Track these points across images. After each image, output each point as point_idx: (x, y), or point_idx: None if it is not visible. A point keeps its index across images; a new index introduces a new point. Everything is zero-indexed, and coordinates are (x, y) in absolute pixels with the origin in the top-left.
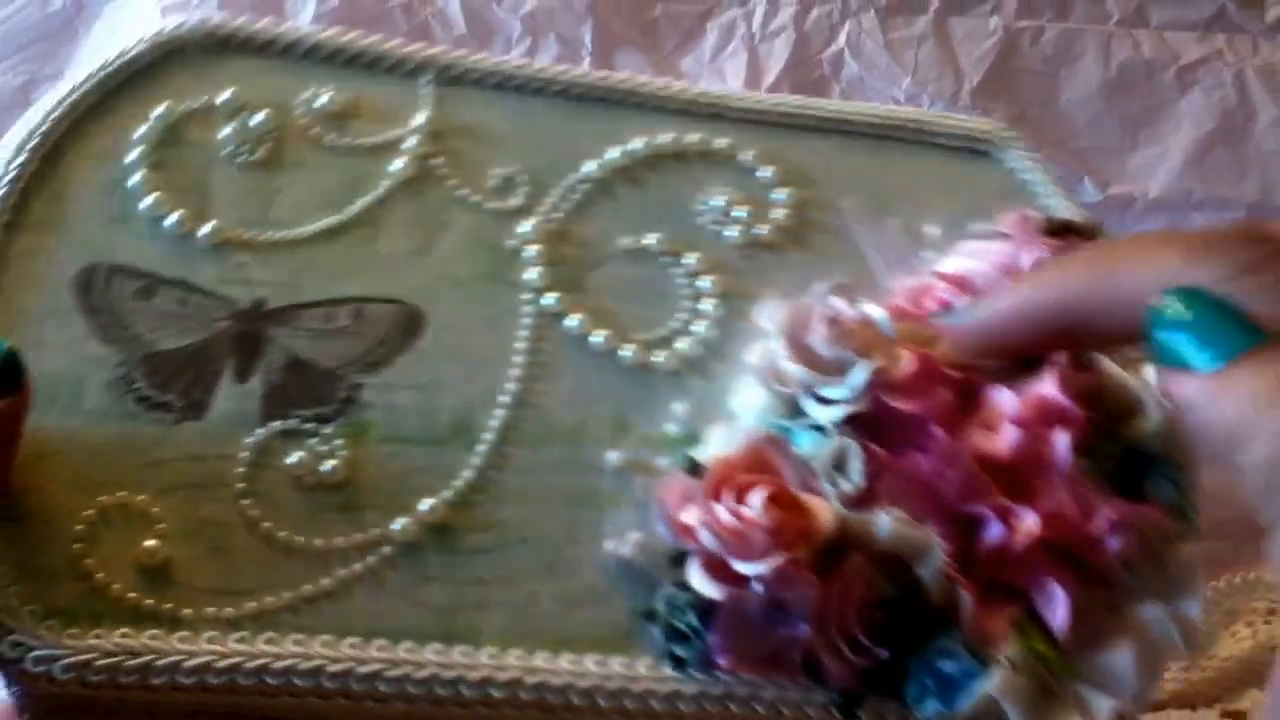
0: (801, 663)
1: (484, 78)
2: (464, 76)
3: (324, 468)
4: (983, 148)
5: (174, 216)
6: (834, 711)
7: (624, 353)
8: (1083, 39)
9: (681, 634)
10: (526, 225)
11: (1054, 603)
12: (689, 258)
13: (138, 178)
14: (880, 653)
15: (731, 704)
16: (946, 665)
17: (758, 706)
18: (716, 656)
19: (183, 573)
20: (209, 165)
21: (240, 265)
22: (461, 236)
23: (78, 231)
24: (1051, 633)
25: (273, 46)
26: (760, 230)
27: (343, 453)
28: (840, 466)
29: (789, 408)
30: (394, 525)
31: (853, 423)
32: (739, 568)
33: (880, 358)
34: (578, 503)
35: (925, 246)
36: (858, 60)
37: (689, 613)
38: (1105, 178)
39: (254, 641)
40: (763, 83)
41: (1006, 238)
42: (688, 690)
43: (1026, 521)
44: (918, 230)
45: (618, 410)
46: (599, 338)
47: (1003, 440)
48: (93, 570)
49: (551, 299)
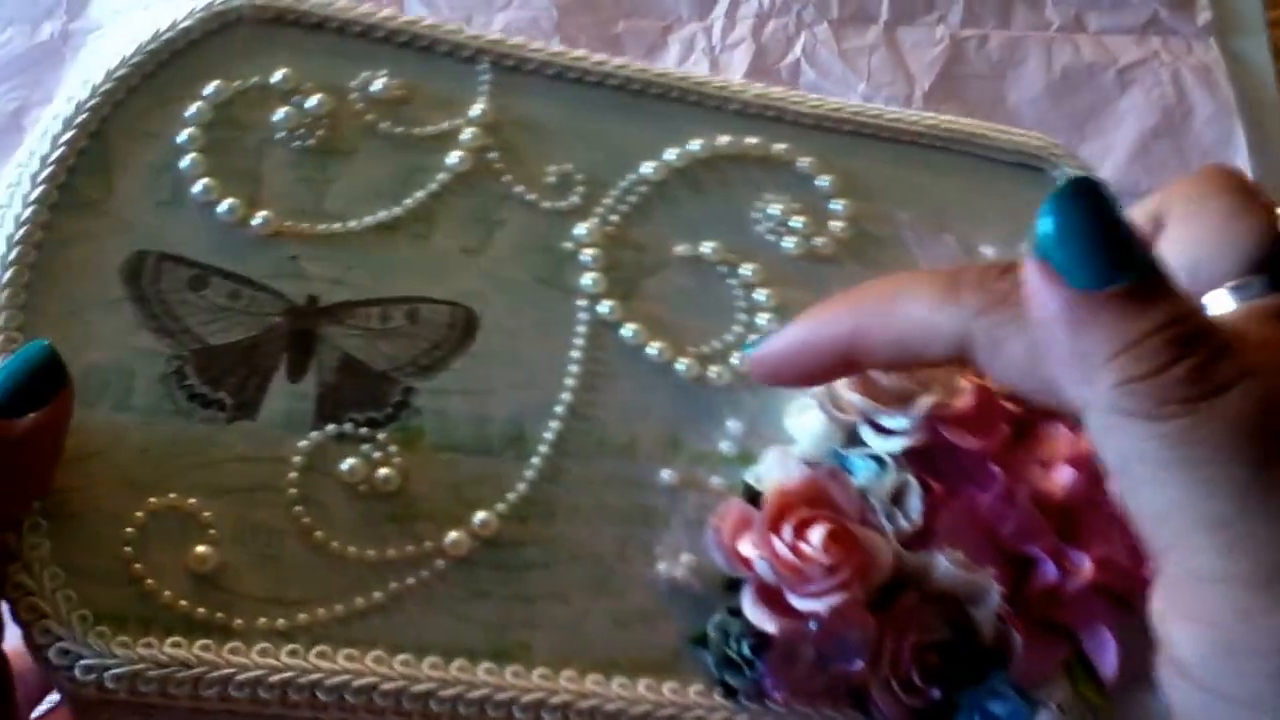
0: (852, 698)
1: (542, 67)
2: (522, 65)
3: (378, 475)
4: (1037, 164)
5: (226, 204)
6: None
7: (679, 366)
8: (1025, 45)
9: (733, 662)
10: (583, 228)
11: (1104, 648)
12: (746, 268)
13: (189, 160)
14: (933, 693)
15: None
16: (995, 706)
17: None
18: (769, 688)
19: (233, 580)
20: (261, 149)
21: (292, 258)
22: (516, 236)
23: (126, 215)
24: (1099, 677)
25: (327, 25)
26: (818, 241)
27: (396, 460)
28: (898, 501)
29: (846, 435)
30: (447, 538)
31: (909, 454)
32: (795, 603)
33: (940, 390)
34: (629, 520)
35: None
36: (814, 68)
37: (742, 642)
38: None
39: (306, 656)
40: None
41: None
42: None
43: (1082, 565)
44: (973, 248)
45: (672, 425)
46: (654, 349)
47: (1059, 480)
48: (143, 575)
49: (607, 306)
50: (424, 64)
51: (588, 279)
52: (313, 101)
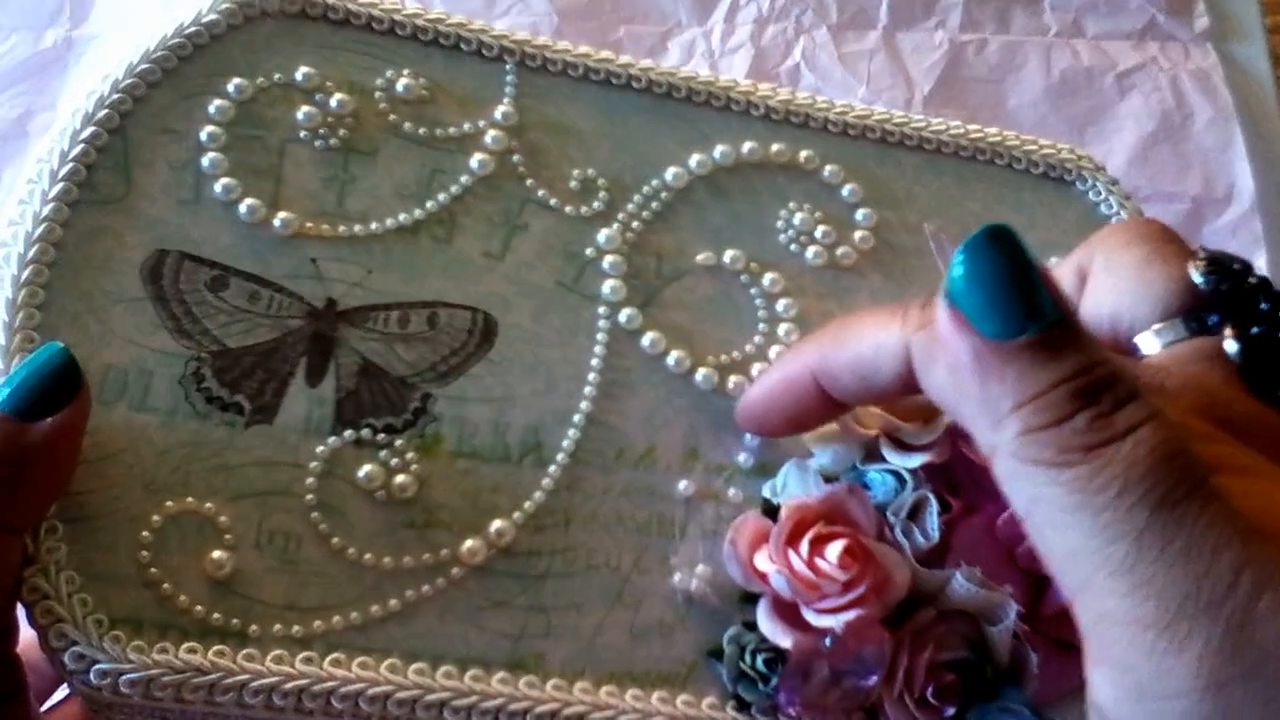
0: (867, 715)
1: (567, 67)
2: (547, 65)
3: (395, 482)
4: (1065, 176)
5: (247, 203)
6: None
7: (699, 376)
8: (1024, 49)
9: (748, 676)
10: (605, 234)
11: None
12: (767, 277)
13: (210, 159)
14: (947, 711)
15: None
16: None
17: None
18: (783, 703)
19: (249, 586)
20: (283, 148)
21: (312, 260)
22: (538, 241)
23: (147, 213)
24: None
25: (352, 20)
26: (841, 252)
27: (414, 467)
28: (916, 517)
29: (865, 450)
30: (464, 546)
31: (928, 470)
32: (811, 618)
33: None
34: (646, 531)
35: None
36: (814, 73)
37: (756, 656)
38: None
39: (321, 663)
40: None
41: None
42: None
43: None
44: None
45: (690, 436)
46: (674, 359)
47: None
48: (159, 579)
49: (627, 314)
50: (448, 62)
51: (609, 286)
52: (336, 100)
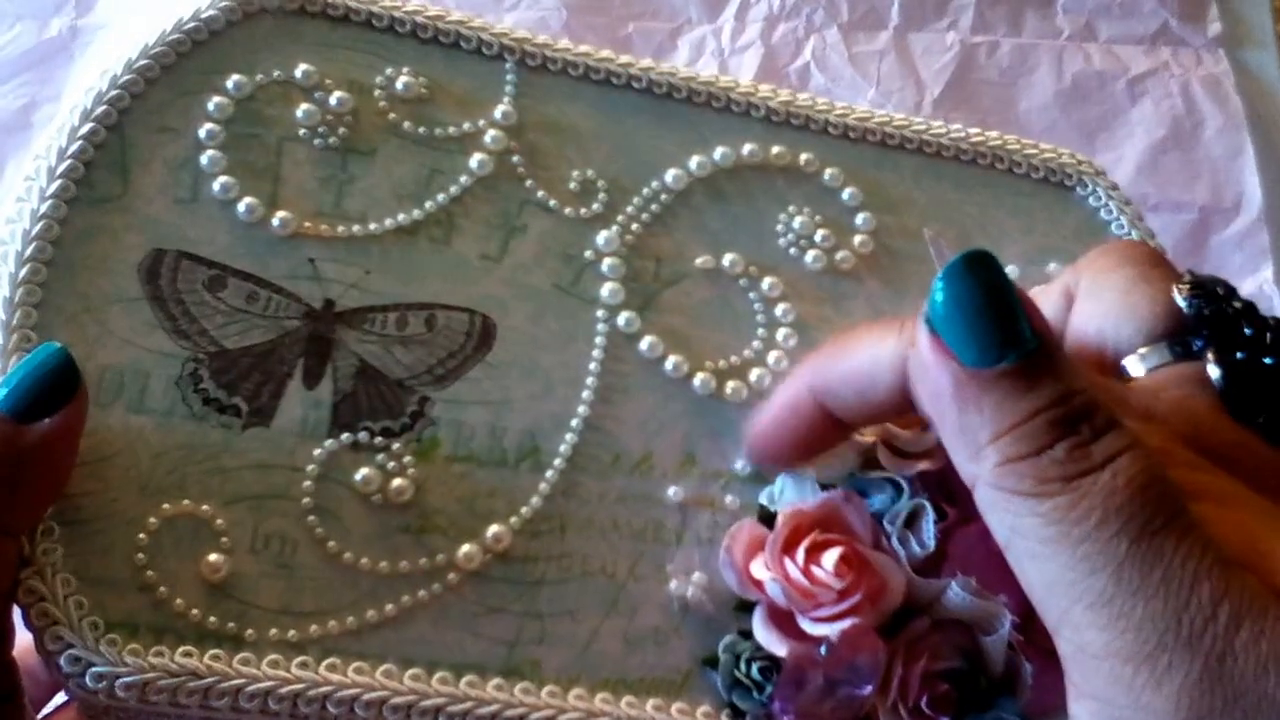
0: None
1: (567, 66)
2: (547, 64)
3: (392, 486)
4: (1066, 181)
5: (245, 202)
6: None
7: (697, 381)
8: (1036, 52)
9: (742, 685)
10: (603, 236)
11: None
12: (766, 281)
13: (208, 157)
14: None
15: None
16: None
17: None
18: (777, 712)
19: (245, 590)
20: (281, 146)
21: (310, 260)
22: (536, 243)
23: (144, 211)
24: None
25: (352, 17)
26: (840, 256)
27: (411, 471)
28: (912, 525)
29: (862, 457)
30: (460, 551)
31: (925, 478)
32: (806, 627)
33: None
34: (642, 537)
35: None
36: (824, 73)
37: (751, 664)
38: None
39: (316, 668)
40: None
41: None
42: None
43: None
44: None
45: (687, 442)
46: (672, 363)
47: None
48: (155, 583)
49: (626, 318)
50: (448, 60)
51: (607, 289)
52: (335, 98)
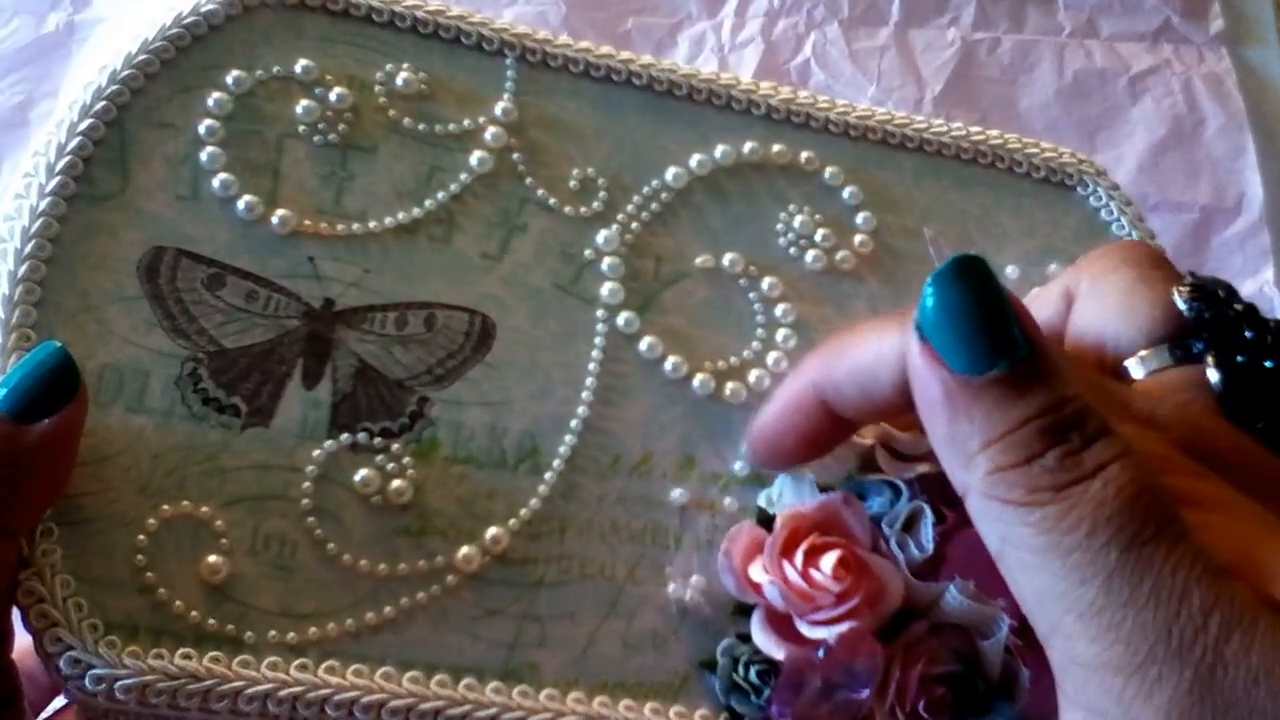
0: None
1: (568, 63)
2: (548, 61)
3: (391, 487)
4: (1067, 181)
5: (245, 200)
6: None
7: (696, 382)
8: (1037, 49)
9: (740, 688)
10: (604, 235)
11: None
12: (766, 281)
13: (208, 154)
14: None
15: None
16: None
17: None
18: (775, 716)
19: (245, 592)
20: (281, 143)
21: (310, 259)
22: (536, 242)
23: (144, 209)
24: None
25: (352, 11)
26: (840, 256)
27: (410, 472)
28: (910, 528)
29: (861, 459)
30: (459, 553)
31: (924, 480)
32: (804, 630)
33: None
34: (641, 540)
35: None
36: (824, 70)
37: (749, 668)
38: None
39: (315, 671)
40: None
41: None
42: None
43: None
44: (998, 268)
45: (687, 443)
46: (672, 364)
47: None
48: (155, 585)
49: (625, 318)
50: (448, 56)
51: (607, 289)
52: (335, 94)
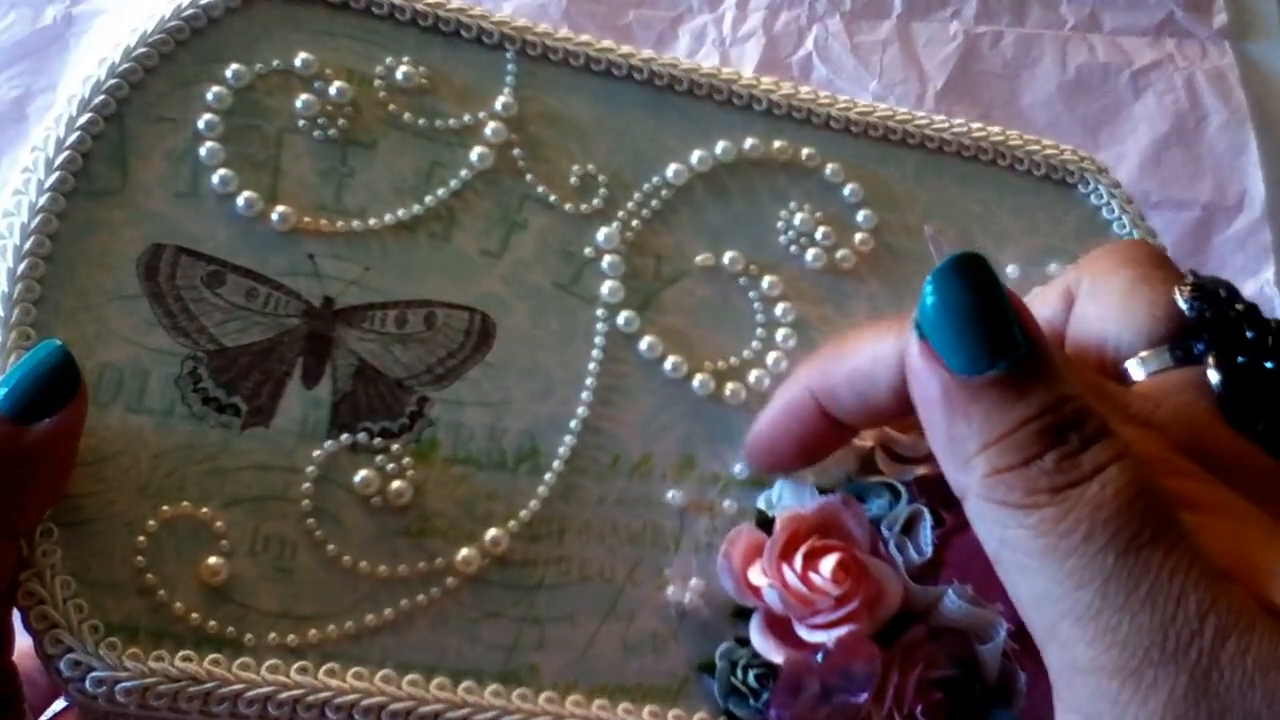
0: None
1: (568, 57)
2: (548, 55)
3: (391, 488)
4: (1068, 179)
5: (244, 196)
6: None
7: (695, 382)
8: (1040, 43)
9: (739, 692)
10: (604, 233)
11: None
12: (766, 280)
13: (207, 149)
14: None
15: None
16: None
17: None
18: (772, 718)
19: (245, 593)
20: (281, 138)
21: (310, 256)
22: (537, 240)
23: (143, 205)
24: None
25: (350, 5)
26: (840, 254)
27: (410, 473)
28: (909, 531)
29: (860, 462)
30: (458, 555)
31: (923, 483)
32: (803, 634)
33: None
34: (641, 542)
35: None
36: (826, 64)
37: (748, 671)
38: None
39: (315, 673)
40: None
41: None
42: None
43: None
44: (997, 265)
45: (686, 444)
46: (672, 364)
47: None
48: (155, 586)
49: (625, 317)
50: (449, 50)
51: (607, 288)
52: (335, 88)
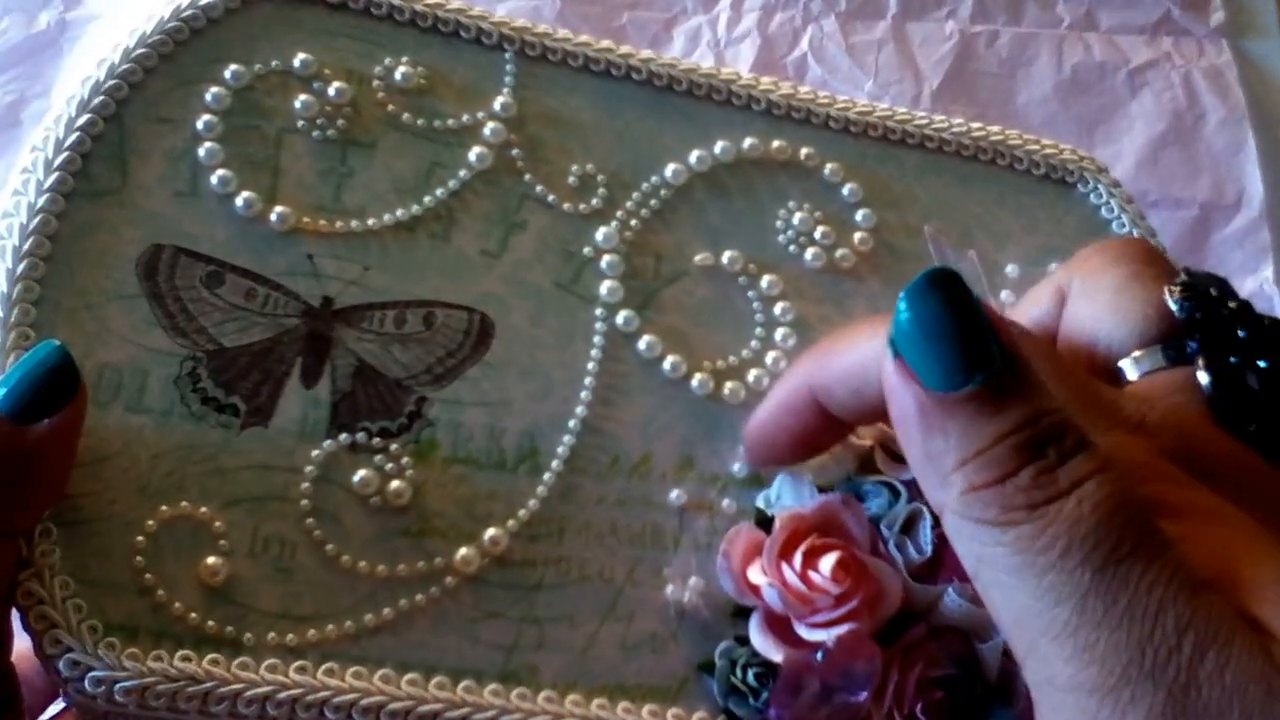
0: None
1: (567, 57)
2: (547, 55)
3: (390, 488)
4: (1067, 178)
5: (243, 197)
6: None
7: (694, 382)
8: (1036, 42)
9: (739, 691)
10: (603, 232)
11: None
12: (765, 279)
13: (206, 149)
14: None
15: None
16: None
17: None
18: (772, 718)
19: (244, 593)
20: (280, 138)
21: (309, 256)
22: (536, 239)
23: (143, 205)
24: None
25: (350, 4)
26: (840, 254)
27: (409, 473)
28: (909, 530)
29: (860, 460)
30: (458, 555)
31: None
32: (803, 633)
33: None
34: (640, 542)
35: (1002, 285)
36: (821, 64)
37: (747, 671)
38: None
39: (314, 673)
40: None
41: None
42: None
43: None
44: (997, 265)
45: (686, 444)
46: (671, 363)
47: None
48: (154, 586)
49: (625, 316)
50: (448, 50)
51: (606, 287)
52: (334, 89)
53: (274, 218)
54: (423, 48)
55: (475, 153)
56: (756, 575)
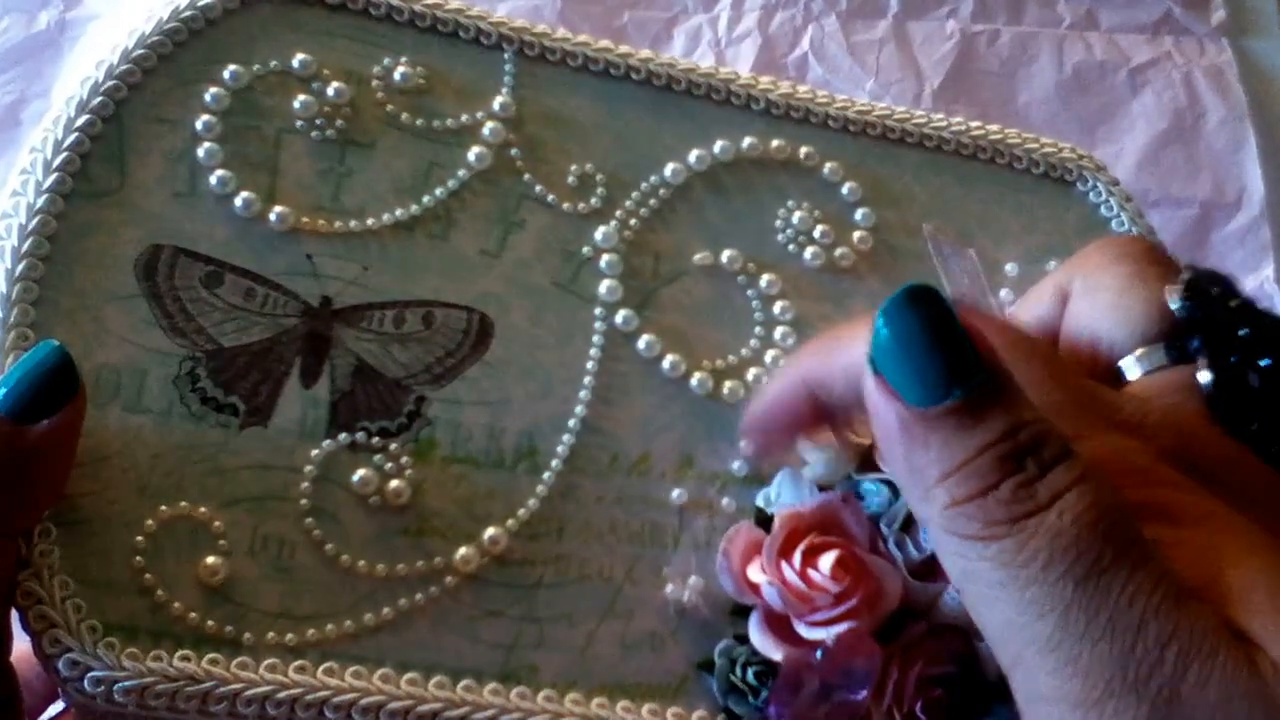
0: None
1: (566, 57)
2: (546, 55)
3: (390, 488)
4: (1067, 177)
5: (242, 197)
6: None
7: (694, 381)
8: (1036, 42)
9: (738, 689)
10: (602, 232)
11: None
12: (765, 278)
13: (205, 150)
14: None
15: None
16: None
17: None
18: (772, 716)
19: (244, 593)
20: (280, 139)
21: (308, 256)
22: (535, 239)
23: (142, 205)
24: None
25: (349, 5)
26: (839, 253)
27: (409, 472)
28: (909, 529)
29: (859, 459)
30: (457, 554)
31: None
32: (802, 631)
33: None
34: (639, 540)
35: (1002, 284)
36: (822, 64)
37: (747, 669)
38: None
39: (314, 673)
40: None
41: None
42: None
43: None
44: (997, 264)
45: (685, 443)
46: (670, 362)
47: None
48: (153, 586)
49: (624, 316)
50: (447, 50)
51: (605, 287)
52: (333, 89)
53: (273, 218)
54: (422, 48)
55: (474, 152)
56: (756, 574)
